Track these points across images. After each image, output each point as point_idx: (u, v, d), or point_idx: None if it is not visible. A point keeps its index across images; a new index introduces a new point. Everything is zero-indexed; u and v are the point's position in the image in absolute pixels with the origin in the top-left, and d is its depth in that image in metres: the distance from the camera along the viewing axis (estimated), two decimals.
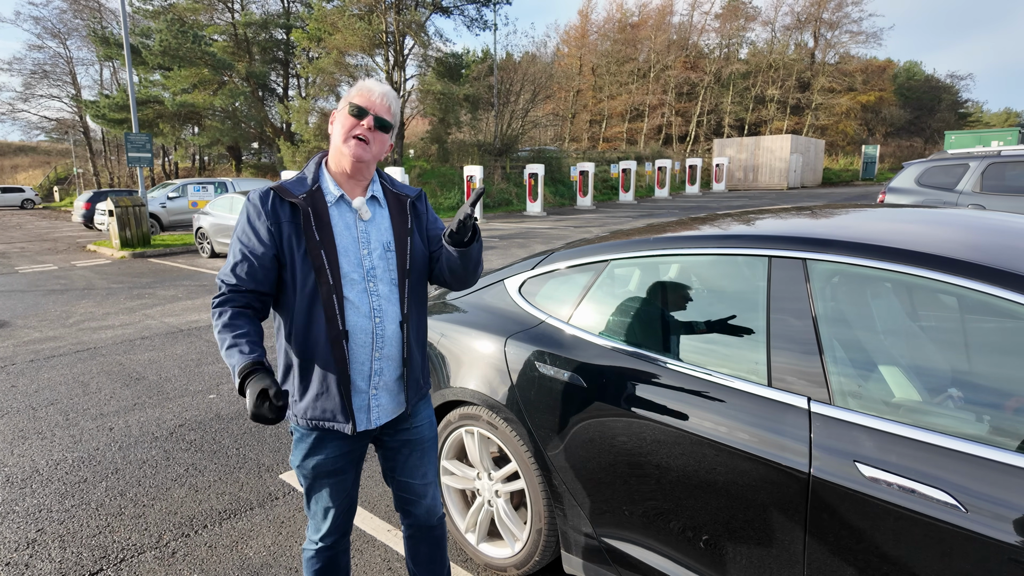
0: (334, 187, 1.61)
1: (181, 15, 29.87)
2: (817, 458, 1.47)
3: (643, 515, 1.84)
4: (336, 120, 1.60)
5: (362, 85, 1.60)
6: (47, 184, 47.84)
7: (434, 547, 1.91)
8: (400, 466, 1.78)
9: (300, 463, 1.68)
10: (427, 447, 1.80)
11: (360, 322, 1.58)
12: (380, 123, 1.57)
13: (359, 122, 1.55)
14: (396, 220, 1.66)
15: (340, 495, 1.71)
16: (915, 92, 47.79)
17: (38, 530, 2.80)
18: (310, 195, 1.58)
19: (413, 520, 1.86)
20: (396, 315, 1.62)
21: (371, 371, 1.61)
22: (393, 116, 1.60)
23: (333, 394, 1.58)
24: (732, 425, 1.63)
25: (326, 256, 1.54)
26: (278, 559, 2.53)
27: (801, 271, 1.65)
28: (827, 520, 1.45)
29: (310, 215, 1.55)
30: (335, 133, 1.60)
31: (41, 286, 9.69)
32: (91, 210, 19.27)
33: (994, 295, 1.39)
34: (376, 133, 1.57)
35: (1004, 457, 1.27)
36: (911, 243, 1.58)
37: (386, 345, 1.61)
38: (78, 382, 4.90)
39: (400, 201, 1.69)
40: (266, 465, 3.39)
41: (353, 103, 1.56)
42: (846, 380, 1.52)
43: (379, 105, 1.57)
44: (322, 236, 1.55)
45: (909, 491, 1.33)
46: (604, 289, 2.14)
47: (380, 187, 1.70)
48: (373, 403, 1.63)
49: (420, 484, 1.81)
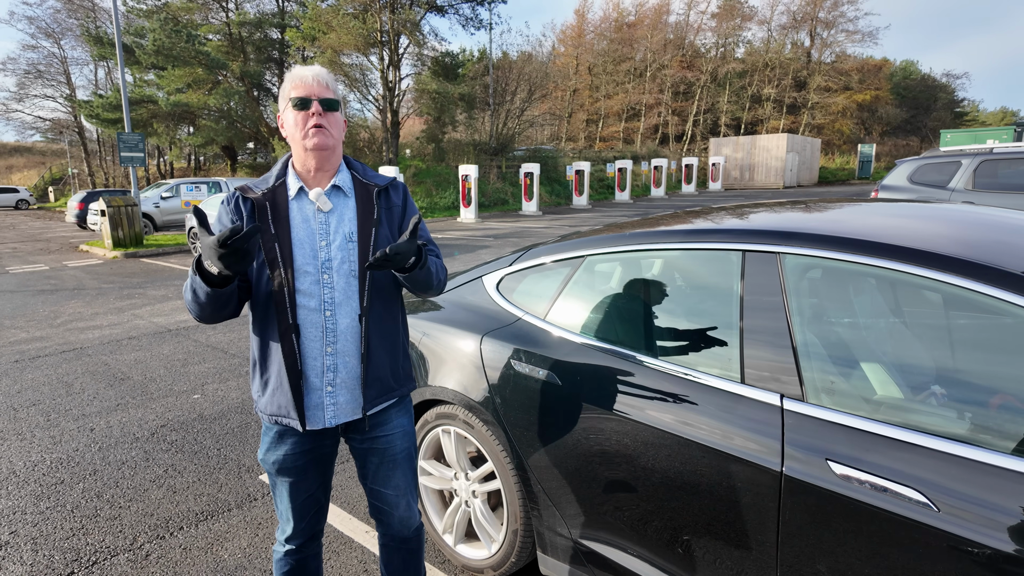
0: (295, 180, 1.59)
1: (175, 14, 29.73)
2: (789, 456, 1.43)
3: (617, 515, 1.80)
4: (285, 121, 1.58)
5: (293, 75, 1.56)
6: (42, 184, 47.72)
7: (408, 558, 1.84)
8: (371, 474, 1.72)
9: (263, 456, 1.67)
10: (400, 459, 1.71)
11: (311, 316, 1.54)
12: (327, 104, 1.55)
13: (308, 112, 1.53)
14: (361, 210, 1.62)
15: (301, 495, 1.67)
16: (911, 91, 47.84)
17: (11, 532, 2.75)
18: (272, 190, 1.57)
19: (386, 530, 1.81)
20: (354, 308, 1.57)
21: (323, 367, 1.56)
22: (335, 92, 1.58)
23: (285, 389, 1.54)
24: (706, 423, 1.59)
25: (279, 248, 1.52)
26: (252, 561, 2.49)
27: (775, 265, 1.62)
28: (799, 519, 1.41)
29: (267, 209, 1.54)
30: (290, 134, 1.57)
31: (31, 286, 9.62)
32: (84, 210, 19.17)
33: (969, 289, 1.35)
34: (328, 115, 1.55)
35: (978, 455, 1.24)
36: (886, 237, 1.54)
37: (339, 340, 1.56)
38: (62, 383, 4.84)
39: (368, 190, 1.65)
40: (246, 466, 3.35)
41: (293, 97, 1.53)
42: (819, 377, 1.49)
43: (317, 88, 1.54)
44: (277, 229, 1.53)
45: (881, 489, 1.30)
46: (580, 285, 2.10)
47: (348, 176, 1.66)
48: (328, 401, 1.58)
49: (391, 495, 1.73)
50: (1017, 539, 1.15)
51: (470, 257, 10.83)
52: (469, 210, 19.20)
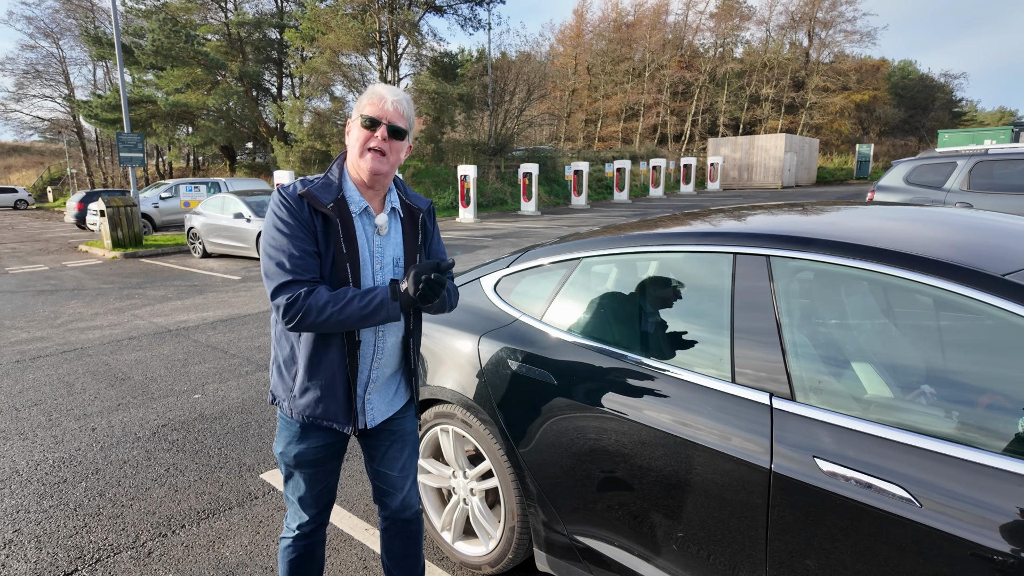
0: (358, 197, 1.61)
1: (174, 15, 29.72)
2: (778, 454, 1.47)
3: (611, 512, 1.84)
4: (351, 132, 1.59)
5: (373, 92, 1.56)
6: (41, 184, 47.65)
7: (408, 542, 1.92)
8: (380, 456, 1.80)
9: (283, 450, 1.71)
10: (408, 440, 1.82)
11: (366, 335, 1.63)
12: (394, 132, 1.55)
13: (372, 133, 1.54)
14: (408, 235, 1.68)
15: (319, 484, 1.74)
16: (909, 91, 47.92)
17: (15, 531, 2.78)
18: (337, 204, 1.57)
19: (388, 512, 1.88)
20: (399, 328, 1.69)
21: (368, 379, 1.67)
22: (407, 120, 1.58)
23: (339, 398, 1.62)
24: (698, 421, 1.63)
25: (351, 268, 1.56)
26: (254, 558, 2.53)
27: (765, 268, 1.66)
28: (788, 515, 1.45)
29: (338, 226, 1.55)
30: (351, 146, 1.59)
31: (30, 287, 9.65)
32: (84, 210, 19.17)
33: (953, 292, 1.39)
34: (391, 142, 1.56)
35: (961, 453, 1.28)
36: (877, 240, 1.58)
37: (384, 356, 1.67)
38: (63, 383, 4.88)
39: (413, 215, 1.71)
40: (247, 464, 3.38)
41: (365, 115, 1.54)
42: (808, 376, 1.52)
43: (392, 113, 1.54)
44: (348, 248, 1.56)
45: (866, 486, 1.34)
46: (576, 286, 2.14)
47: (397, 197, 1.70)
48: (368, 407, 1.69)
49: (398, 476, 1.82)
50: (999, 535, 1.19)
51: (469, 257, 10.87)
52: (468, 210, 19.24)
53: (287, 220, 1.52)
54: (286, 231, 1.51)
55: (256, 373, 4.97)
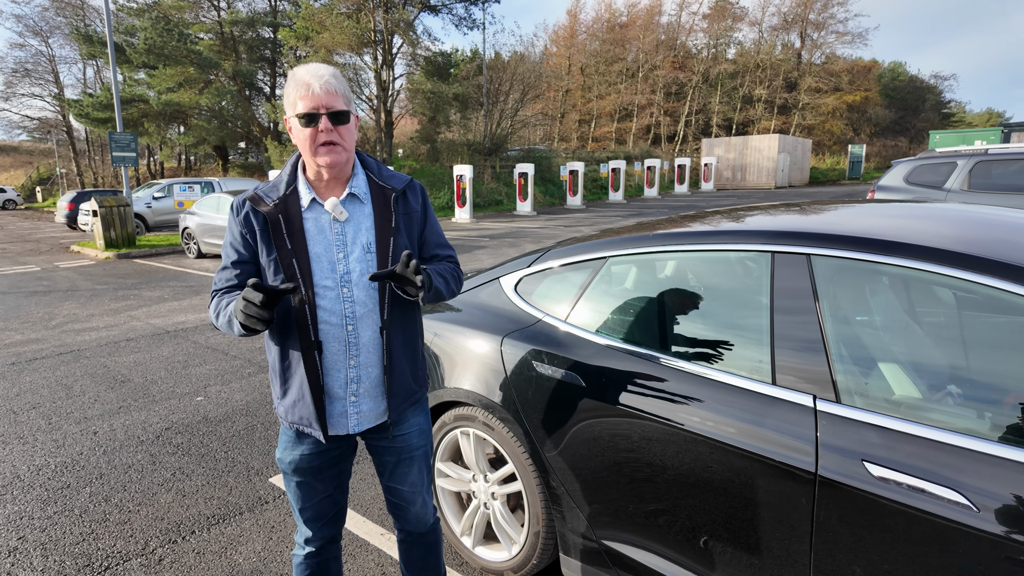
0: (307, 190, 1.53)
1: (166, 13, 29.43)
2: (824, 457, 1.44)
3: (643, 517, 1.80)
4: (293, 128, 1.49)
5: (298, 82, 1.43)
6: (29, 184, 47.12)
7: (426, 553, 1.86)
8: (388, 472, 1.73)
9: (280, 455, 1.67)
10: (416, 456, 1.72)
11: (333, 331, 1.51)
12: (336, 117, 1.44)
13: (316, 129, 1.43)
14: (379, 218, 1.55)
15: (318, 494, 1.67)
16: (900, 92, 48.29)
17: (19, 538, 2.71)
18: (283, 200, 1.51)
19: (403, 525, 1.82)
20: (375, 321, 1.55)
21: (347, 379, 1.55)
22: (344, 96, 1.46)
23: (307, 402, 1.53)
24: (735, 424, 1.59)
25: (297, 265, 1.48)
26: (268, 565, 2.47)
27: (806, 267, 1.62)
28: (835, 520, 1.41)
29: (280, 223, 1.49)
30: (299, 146, 1.49)
31: (23, 287, 9.50)
32: (74, 210, 18.97)
33: (1000, 288, 1.36)
34: (338, 128, 1.45)
35: (1019, 455, 1.25)
36: (916, 238, 1.55)
37: (362, 352, 1.54)
38: (61, 385, 4.79)
39: (385, 195, 1.58)
40: (255, 468, 3.32)
41: (300, 113, 1.43)
42: (853, 377, 1.49)
43: (324, 97, 1.42)
44: (294, 244, 1.48)
45: (919, 491, 1.30)
46: (602, 287, 2.10)
47: (364, 179, 1.58)
48: (352, 410, 1.57)
49: (408, 492, 1.75)
50: None
51: (467, 257, 10.81)
52: (464, 210, 19.17)
53: (228, 233, 1.56)
54: (227, 246, 1.57)
55: (258, 375, 4.90)
